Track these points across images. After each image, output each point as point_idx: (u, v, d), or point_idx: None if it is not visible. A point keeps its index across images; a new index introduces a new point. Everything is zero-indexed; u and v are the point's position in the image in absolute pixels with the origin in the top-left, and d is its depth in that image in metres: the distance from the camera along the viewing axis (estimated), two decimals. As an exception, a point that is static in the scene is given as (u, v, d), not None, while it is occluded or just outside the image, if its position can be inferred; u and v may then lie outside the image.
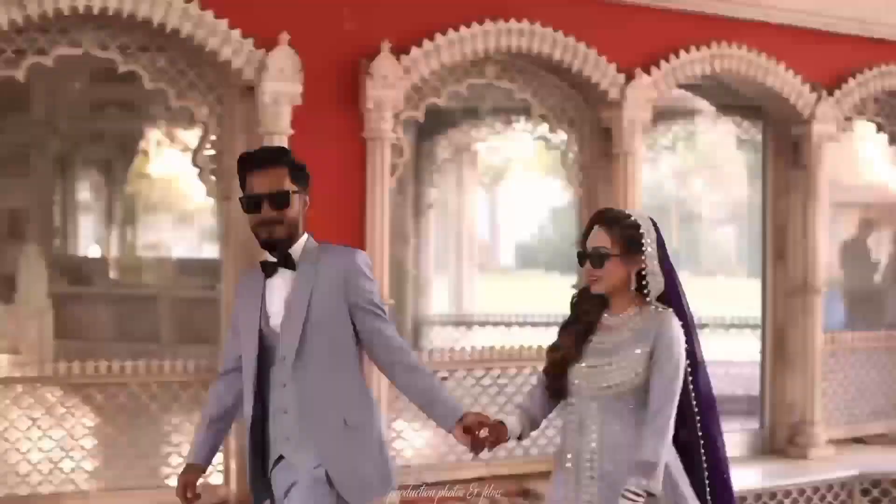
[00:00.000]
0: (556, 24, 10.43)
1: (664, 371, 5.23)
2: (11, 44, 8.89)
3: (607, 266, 5.31)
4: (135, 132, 17.77)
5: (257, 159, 5.57)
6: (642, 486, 5.12)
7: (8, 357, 12.40)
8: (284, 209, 5.46)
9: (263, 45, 9.24)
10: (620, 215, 5.42)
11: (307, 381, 5.38)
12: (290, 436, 5.42)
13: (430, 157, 15.77)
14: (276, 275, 5.51)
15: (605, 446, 5.32)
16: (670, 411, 5.23)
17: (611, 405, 5.33)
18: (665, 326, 5.27)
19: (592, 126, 11.01)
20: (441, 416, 5.46)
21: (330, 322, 5.41)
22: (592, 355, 5.40)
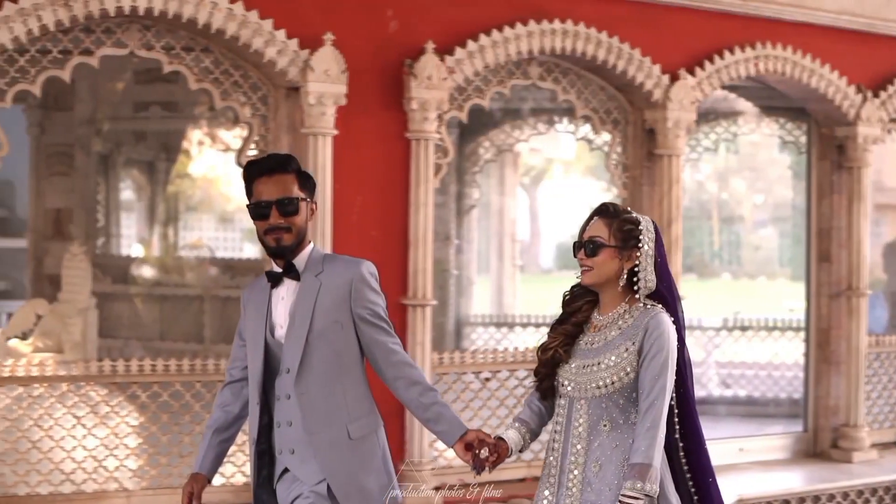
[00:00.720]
0: (601, 24, 10.41)
1: (653, 366, 5.10)
2: (58, 44, 8.94)
3: (600, 256, 5.20)
4: (177, 132, 17.82)
5: (265, 166, 5.44)
6: (637, 488, 5.02)
7: (52, 356, 12.46)
8: (293, 216, 5.35)
9: (308, 46, 9.26)
10: (621, 210, 5.30)
11: (310, 394, 5.32)
12: (295, 448, 5.37)
13: (472, 158, 15.77)
14: (281, 285, 5.42)
15: (591, 448, 5.19)
16: (661, 408, 5.09)
17: (599, 406, 5.19)
18: (654, 322, 5.14)
19: (636, 127, 10.99)
20: (443, 432, 5.41)
21: (334, 333, 5.34)
22: (581, 355, 5.28)
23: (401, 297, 9.74)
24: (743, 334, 15.65)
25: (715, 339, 15.61)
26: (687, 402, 5.31)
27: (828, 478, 11.31)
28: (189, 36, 9.24)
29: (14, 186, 18.82)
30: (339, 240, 9.41)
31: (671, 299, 5.27)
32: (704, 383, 15.32)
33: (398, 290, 9.75)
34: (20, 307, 14.39)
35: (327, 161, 9.31)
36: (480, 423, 10.37)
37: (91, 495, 9.15)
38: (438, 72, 9.67)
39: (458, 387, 10.31)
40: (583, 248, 5.26)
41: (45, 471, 9.09)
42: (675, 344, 5.16)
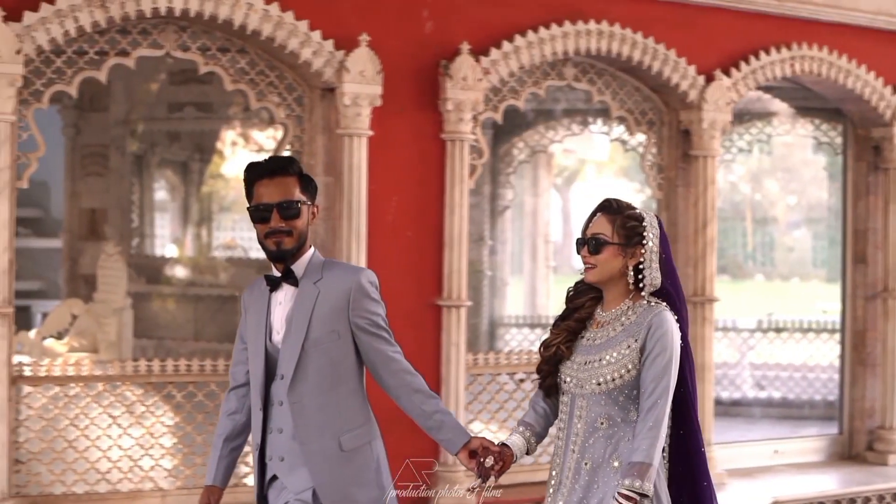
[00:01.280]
0: (636, 25, 10.40)
1: (656, 364, 5.02)
2: (94, 45, 8.98)
3: (604, 254, 5.11)
4: (211, 133, 17.87)
5: (266, 168, 5.31)
6: (635, 487, 4.93)
7: (88, 356, 12.50)
8: (294, 220, 5.25)
9: (343, 47, 9.27)
10: (625, 206, 5.20)
11: (304, 402, 5.21)
12: (285, 456, 5.26)
13: (506, 159, 15.76)
14: (279, 289, 5.32)
15: (586, 446, 5.10)
16: (663, 407, 5.01)
17: (598, 403, 5.10)
18: (658, 320, 5.06)
19: (671, 128, 10.97)
20: (446, 440, 5.33)
21: (330, 342, 5.23)
22: (583, 352, 5.19)
23: (435, 298, 9.75)
24: (777, 336, 15.60)
25: (749, 341, 15.56)
26: (686, 402, 5.21)
27: (863, 480, 11.27)
28: (225, 37, 9.27)
29: (49, 187, 18.87)
30: (374, 240, 9.42)
31: (676, 297, 5.19)
32: (739, 385, 15.28)
33: (433, 290, 9.76)
34: (56, 307, 14.45)
35: (362, 162, 9.32)
36: (514, 424, 10.35)
37: (126, 494, 9.18)
38: (474, 73, 9.67)
39: (492, 388, 10.31)
40: (586, 246, 5.17)
41: (80, 470, 9.12)
42: (678, 343, 5.09)
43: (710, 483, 5.28)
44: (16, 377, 8.78)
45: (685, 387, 5.17)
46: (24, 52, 8.49)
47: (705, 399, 10.88)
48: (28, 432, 8.92)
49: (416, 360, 9.47)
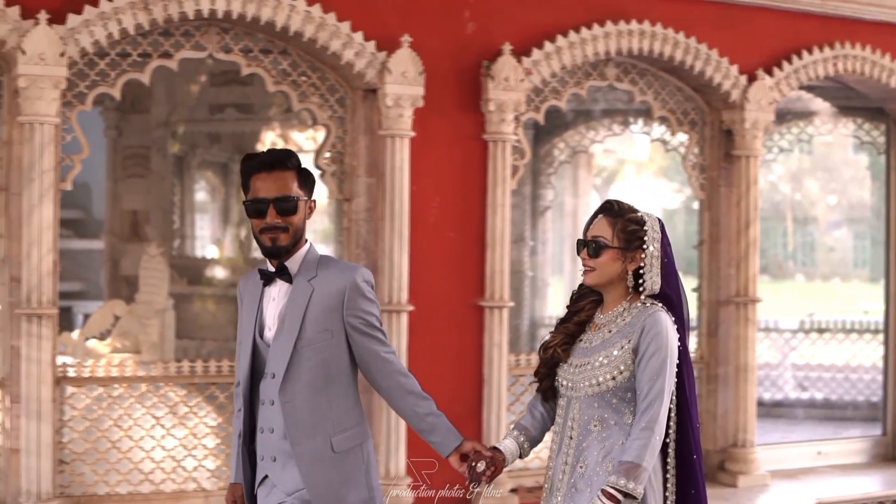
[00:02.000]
0: (678, 25, 10.37)
1: (650, 366, 4.93)
2: (137, 47, 9.01)
3: (603, 257, 5.03)
4: (251, 134, 17.90)
5: (264, 161, 5.14)
6: (621, 485, 4.84)
7: (132, 356, 12.55)
8: (291, 216, 5.09)
9: (385, 48, 9.28)
10: (626, 209, 5.11)
11: (295, 402, 5.09)
12: (277, 456, 5.15)
13: (547, 160, 15.73)
14: (273, 284, 5.21)
15: (580, 449, 5.03)
16: (659, 409, 4.92)
17: (591, 405, 5.02)
18: (651, 320, 4.98)
19: (713, 128, 10.94)
20: (438, 443, 5.24)
21: (323, 342, 5.12)
22: (579, 354, 5.12)
23: (478, 299, 9.74)
24: (820, 336, 15.52)
25: (791, 342, 15.48)
26: (684, 409, 5.11)
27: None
28: (267, 38, 9.29)
29: (90, 188, 18.95)
30: (417, 241, 9.43)
31: (678, 301, 5.12)
32: (781, 386, 15.21)
33: (475, 291, 9.75)
34: (98, 308, 14.51)
35: (405, 163, 9.33)
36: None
37: (170, 495, 9.21)
38: (515, 73, 9.66)
39: (534, 389, 10.26)
40: (586, 248, 5.10)
41: (124, 470, 9.17)
42: (674, 344, 5.01)
43: (700, 490, 5.16)
44: (60, 378, 8.82)
45: (682, 392, 5.09)
46: (68, 54, 8.53)
47: (748, 400, 10.85)
48: (72, 433, 8.97)
49: (459, 361, 9.57)
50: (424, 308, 9.47)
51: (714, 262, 11.03)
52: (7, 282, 8.68)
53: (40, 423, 8.52)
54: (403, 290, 9.37)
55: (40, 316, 8.49)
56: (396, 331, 9.32)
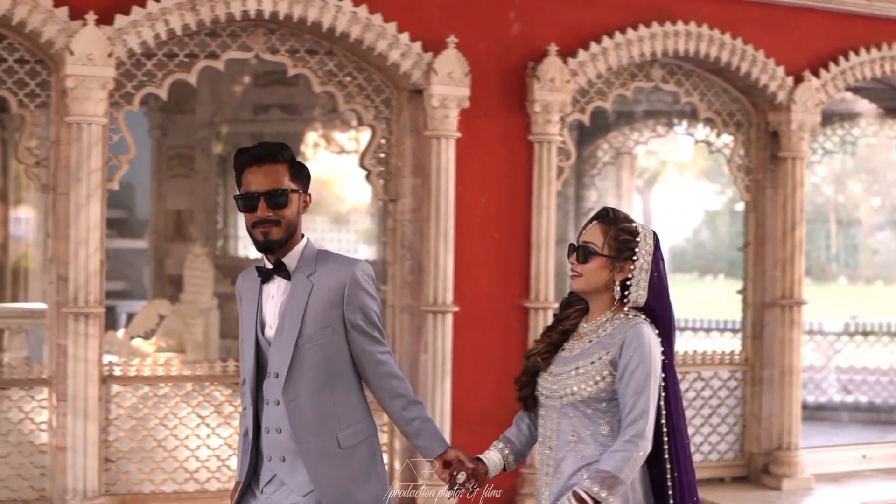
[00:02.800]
0: (724, 26, 10.34)
1: (635, 378, 4.80)
2: (184, 48, 9.05)
3: (591, 264, 4.94)
4: (295, 134, 17.94)
5: (255, 155, 5.07)
6: (594, 491, 4.73)
7: (177, 356, 12.59)
8: (282, 209, 4.99)
9: (431, 49, 9.29)
10: (621, 218, 5.01)
11: (300, 401, 5.03)
12: (286, 456, 5.08)
13: (590, 161, 15.71)
14: (271, 282, 5.12)
15: (559, 461, 4.95)
16: (645, 424, 4.78)
17: (567, 416, 4.94)
18: (633, 333, 4.86)
19: (759, 129, 10.90)
20: (423, 447, 5.19)
21: (325, 338, 5.05)
22: (559, 363, 5.02)
23: (522, 300, 9.74)
24: (864, 339, 15.43)
25: (836, 344, 15.40)
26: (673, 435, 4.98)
27: (954, 486, 11.14)
28: (313, 39, 9.31)
29: (134, 188, 19.03)
30: (462, 242, 9.43)
31: (666, 318, 5.01)
32: (825, 389, 15.13)
33: (520, 292, 9.75)
34: (143, 307, 14.57)
35: (450, 164, 9.33)
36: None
37: (214, 494, 9.24)
38: (561, 74, 9.65)
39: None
40: (575, 253, 5.02)
41: (169, 469, 9.20)
42: (657, 357, 4.89)
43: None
44: (106, 377, 8.87)
45: (669, 417, 4.96)
46: (116, 54, 8.58)
47: (793, 403, 10.81)
48: (118, 431, 9.01)
49: (504, 362, 9.56)
50: (469, 309, 9.48)
51: (759, 264, 10.98)
52: (54, 281, 8.73)
53: (87, 421, 8.57)
54: (448, 290, 9.37)
55: (87, 315, 8.54)
56: (441, 331, 9.33)
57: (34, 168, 8.78)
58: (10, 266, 16.36)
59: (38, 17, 8.43)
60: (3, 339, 13.87)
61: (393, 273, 9.60)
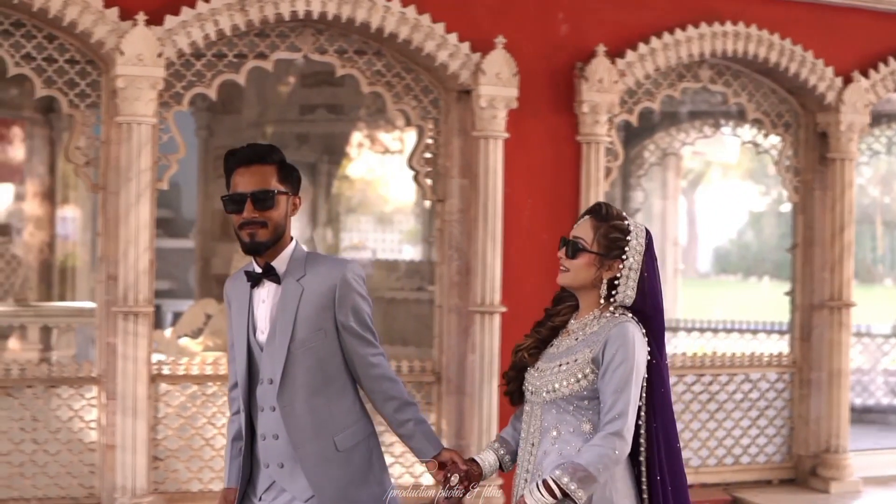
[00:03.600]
0: (773, 26, 10.29)
1: (616, 376, 4.71)
2: (233, 48, 9.08)
3: (579, 259, 4.87)
4: (340, 135, 17.98)
5: (243, 156, 5.02)
6: (563, 482, 4.62)
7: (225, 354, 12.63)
8: (268, 210, 4.95)
9: (479, 49, 9.29)
10: (614, 215, 4.91)
11: (294, 405, 4.98)
12: (284, 462, 5.04)
13: (637, 161, 15.68)
14: (261, 286, 5.06)
15: (538, 457, 4.88)
16: (623, 423, 4.69)
17: (549, 412, 4.87)
18: (617, 331, 4.76)
19: (808, 130, 10.85)
20: (417, 449, 5.14)
21: (317, 342, 5.00)
22: (545, 359, 4.94)
23: (569, 301, 9.71)
24: (912, 343, 15.35)
25: (883, 347, 15.31)
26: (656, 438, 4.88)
27: None
28: (362, 40, 9.32)
29: (180, 188, 19.13)
30: (510, 243, 9.43)
31: (656, 319, 4.92)
32: (873, 391, 15.05)
33: (567, 293, 9.72)
34: (190, 307, 14.63)
35: (498, 164, 9.33)
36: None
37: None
38: (609, 75, 9.63)
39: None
40: (565, 247, 4.94)
41: (217, 468, 9.21)
42: (641, 356, 4.79)
43: None
44: (155, 375, 8.92)
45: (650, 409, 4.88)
46: (165, 55, 8.62)
47: (841, 406, 10.75)
48: (166, 430, 9.05)
49: (551, 363, 9.50)
50: (517, 310, 9.46)
51: (808, 265, 10.93)
52: (104, 280, 8.78)
53: (136, 419, 8.61)
54: (496, 291, 9.37)
55: (137, 314, 8.58)
56: (489, 332, 9.33)
57: (84, 168, 8.82)
58: (57, 265, 16.46)
59: (89, 18, 8.48)
60: (51, 337, 13.99)
61: (440, 274, 9.61)
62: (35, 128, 16.57)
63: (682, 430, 10.41)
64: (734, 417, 10.66)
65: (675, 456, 4.92)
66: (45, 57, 8.73)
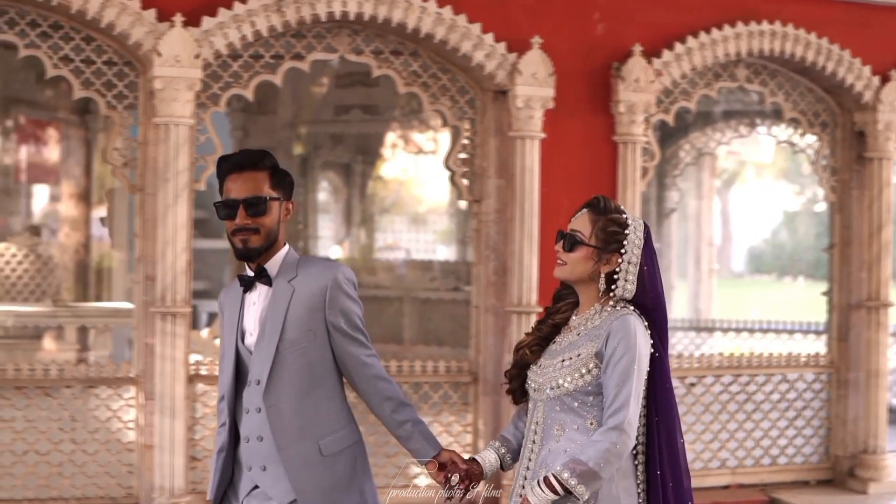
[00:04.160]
0: (810, 25, 10.25)
1: (617, 369, 4.66)
2: (270, 49, 9.10)
3: (576, 253, 4.81)
4: (374, 135, 18.02)
5: (235, 163, 5.03)
6: (563, 478, 4.57)
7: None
8: (261, 217, 4.94)
9: (515, 50, 9.29)
10: (612, 208, 4.87)
11: (280, 406, 4.94)
12: (267, 465, 4.99)
13: (672, 161, 15.66)
14: (253, 290, 5.08)
15: (541, 454, 4.82)
16: (626, 415, 4.62)
17: (553, 409, 4.81)
18: (619, 324, 4.70)
19: (845, 129, 10.80)
20: (416, 450, 5.08)
21: (306, 342, 4.97)
22: (548, 356, 4.90)
23: (606, 301, 9.70)
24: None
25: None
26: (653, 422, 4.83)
27: None
28: (397, 40, 9.33)
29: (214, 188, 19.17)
30: (547, 243, 9.41)
31: (658, 312, 4.84)
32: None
33: (604, 293, 9.71)
34: (226, 307, 14.64)
35: (535, 164, 9.33)
36: (684, 428, 10.29)
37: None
38: (646, 74, 9.62)
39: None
40: (562, 241, 4.88)
41: (254, 468, 9.23)
42: (644, 348, 4.72)
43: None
44: (192, 376, 8.94)
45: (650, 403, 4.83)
46: (203, 56, 8.64)
47: (879, 406, 10.70)
48: (204, 430, 9.06)
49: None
50: (553, 310, 9.45)
51: (845, 265, 10.89)
52: (142, 280, 8.81)
53: (174, 419, 8.64)
54: (533, 291, 9.36)
55: (174, 314, 8.61)
56: (526, 332, 9.31)
57: (122, 169, 8.86)
58: (93, 265, 16.54)
59: (127, 20, 8.51)
60: (88, 337, 14.04)
61: (477, 274, 9.61)
62: (70, 129, 16.65)
63: (718, 430, 10.40)
64: (771, 418, 10.63)
65: (677, 451, 4.86)
66: (83, 59, 8.77)
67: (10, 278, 15.00)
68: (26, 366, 8.87)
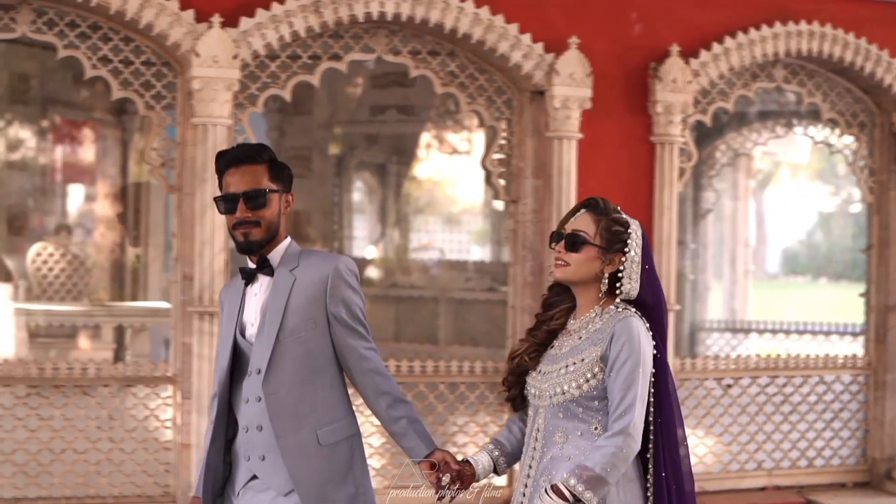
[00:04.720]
0: (848, 25, 10.21)
1: (622, 373, 4.62)
2: (307, 49, 9.11)
3: (582, 253, 4.76)
4: (410, 135, 18.04)
5: (233, 156, 5.03)
6: (570, 485, 4.53)
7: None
8: (261, 209, 4.95)
9: (553, 50, 9.28)
10: (612, 208, 4.85)
11: (280, 395, 4.91)
12: (265, 454, 4.97)
13: (708, 162, 15.63)
14: (255, 282, 5.08)
15: (543, 461, 4.77)
16: (631, 418, 4.59)
17: (556, 415, 4.75)
18: (622, 326, 4.67)
19: (883, 130, 10.75)
20: (409, 448, 5.04)
21: (307, 331, 4.95)
22: (548, 362, 4.84)
23: (643, 302, 9.68)
24: None
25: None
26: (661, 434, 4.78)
27: None
28: (435, 40, 9.33)
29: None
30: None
31: (658, 310, 4.82)
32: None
33: (640, 294, 9.69)
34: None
35: (572, 165, 9.32)
36: (721, 430, 10.29)
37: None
38: (683, 75, 9.59)
39: (699, 393, 10.21)
40: (563, 241, 4.82)
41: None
42: (648, 351, 4.68)
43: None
44: (229, 375, 8.94)
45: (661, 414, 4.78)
46: (241, 56, 8.66)
47: (914, 406, 10.68)
48: (236, 430, 9.07)
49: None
50: (589, 310, 9.45)
51: (883, 266, 10.83)
52: (179, 280, 8.83)
53: (211, 419, 8.65)
54: (569, 292, 9.34)
55: (212, 314, 8.62)
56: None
57: (160, 169, 8.89)
58: (129, 265, 16.61)
59: (165, 20, 8.54)
60: (125, 336, 14.10)
61: (513, 274, 9.61)
62: (107, 129, 16.72)
63: (755, 431, 10.37)
64: (808, 420, 10.59)
65: (677, 453, 4.83)
66: (121, 59, 8.80)
67: (46, 277, 15.08)
68: (64, 364, 8.90)
